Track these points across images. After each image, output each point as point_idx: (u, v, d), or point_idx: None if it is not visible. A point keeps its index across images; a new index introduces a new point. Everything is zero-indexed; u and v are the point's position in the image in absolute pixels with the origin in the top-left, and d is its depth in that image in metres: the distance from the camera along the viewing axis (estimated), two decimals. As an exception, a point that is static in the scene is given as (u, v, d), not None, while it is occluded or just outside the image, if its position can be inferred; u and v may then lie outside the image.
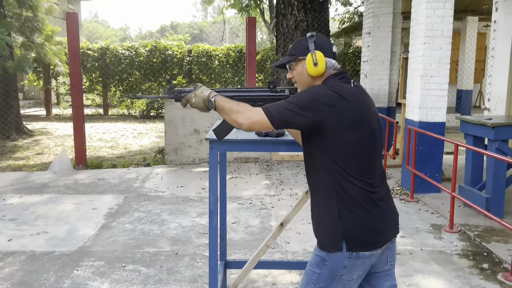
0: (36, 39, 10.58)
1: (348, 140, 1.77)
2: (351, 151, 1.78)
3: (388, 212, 1.88)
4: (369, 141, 1.83)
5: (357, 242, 1.79)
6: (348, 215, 1.79)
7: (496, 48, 6.78)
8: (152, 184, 6.11)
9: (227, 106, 1.85)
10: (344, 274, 1.81)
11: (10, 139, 10.03)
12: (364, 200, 1.79)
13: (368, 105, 1.86)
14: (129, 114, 15.48)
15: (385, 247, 1.87)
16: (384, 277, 1.95)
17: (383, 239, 1.85)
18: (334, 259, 1.81)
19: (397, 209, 1.96)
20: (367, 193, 1.80)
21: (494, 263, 3.73)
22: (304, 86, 1.95)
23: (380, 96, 7.94)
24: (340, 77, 1.89)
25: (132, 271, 3.55)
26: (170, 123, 7.25)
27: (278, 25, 8.41)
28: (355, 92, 1.83)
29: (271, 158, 7.58)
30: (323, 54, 1.89)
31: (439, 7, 5.30)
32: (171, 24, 56.83)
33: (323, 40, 1.94)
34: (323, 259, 1.83)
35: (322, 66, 1.88)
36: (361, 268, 1.83)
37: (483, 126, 4.72)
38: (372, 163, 1.85)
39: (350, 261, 1.79)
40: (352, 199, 1.79)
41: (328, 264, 1.82)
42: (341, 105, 1.76)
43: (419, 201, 5.39)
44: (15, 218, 4.77)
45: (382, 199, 1.85)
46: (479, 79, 14.59)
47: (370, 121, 1.84)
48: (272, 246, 3.94)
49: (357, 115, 1.78)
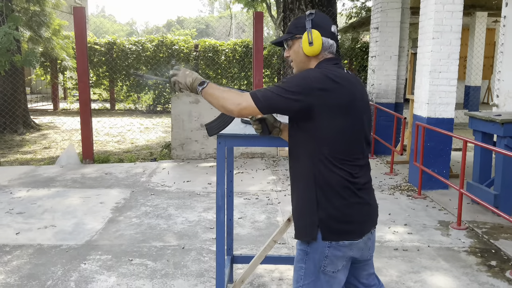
0: (43, 33, 10.59)
1: (337, 126, 1.75)
2: (338, 137, 1.76)
3: (368, 203, 1.86)
4: (357, 128, 1.81)
5: (333, 231, 1.78)
6: (326, 204, 1.78)
7: (505, 44, 6.71)
8: (159, 179, 6.12)
9: (215, 92, 1.81)
10: (327, 265, 1.80)
11: (18, 133, 10.08)
12: (343, 189, 1.78)
13: (361, 93, 1.84)
14: (136, 109, 15.50)
15: (366, 238, 1.85)
16: (363, 267, 1.96)
17: (361, 229, 1.83)
18: (315, 250, 1.80)
19: (376, 201, 1.95)
20: (347, 182, 1.78)
21: (503, 260, 3.71)
22: (299, 66, 1.92)
23: (388, 92, 7.90)
24: (334, 62, 1.86)
25: (139, 265, 3.56)
26: (177, 118, 7.25)
27: (285, 20, 8.35)
28: (348, 78, 1.81)
29: (277, 153, 7.56)
30: (320, 33, 1.84)
31: (448, 2, 5.25)
32: (178, 19, 56.84)
33: (321, 18, 1.89)
34: (306, 252, 1.83)
35: (318, 46, 1.84)
36: (343, 259, 1.82)
37: (492, 123, 4.68)
38: (357, 151, 1.82)
39: (331, 251, 1.78)
40: (331, 187, 1.77)
41: (311, 257, 1.82)
42: (333, 89, 1.73)
43: (426, 198, 5.36)
44: (22, 211, 4.80)
45: (362, 189, 1.83)
46: (487, 75, 14.46)
47: (361, 108, 1.82)
48: (279, 242, 3.93)
49: (348, 100, 1.76)
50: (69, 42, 11.86)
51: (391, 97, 7.92)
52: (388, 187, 5.83)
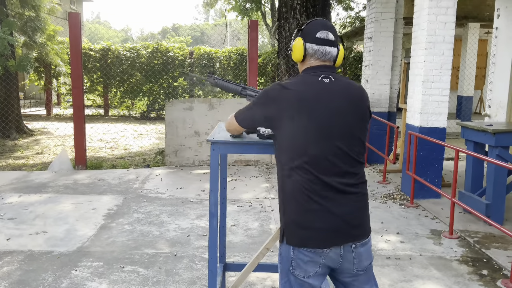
0: (38, 38, 10.58)
1: (292, 132, 1.79)
2: (295, 141, 1.79)
3: (333, 212, 1.78)
4: (319, 135, 1.78)
5: (292, 235, 1.82)
6: (287, 209, 1.84)
7: (497, 55, 6.79)
8: (152, 186, 6.11)
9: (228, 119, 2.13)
10: (295, 268, 1.82)
11: (10, 138, 10.02)
12: (301, 195, 1.79)
13: (331, 98, 1.80)
14: (130, 115, 15.48)
15: (338, 250, 1.80)
16: (352, 282, 1.89)
17: (323, 237, 1.78)
18: (283, 250, 1.87)
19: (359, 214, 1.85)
20: (304, 188, 1.78)
21: (494, 269, 3.73)
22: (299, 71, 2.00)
23: (381, 101, 7.95)
24: (313, 71, 1.88)
25: (130, 272, 3.54)
26: (171, 124, 7.25)
27: (280, 29, 8.40)
28: (312, 84, 1.82)
29: (271, 161, 7.57)
30: (303, 39, 1.90)
31: (441, 13, 5.31)
32: (173, 26, 56.96)
33: (310, 25, 1.93)
34: (280, 252, 1.91)
35: (299, 53, 1.91)
36: (311, 265, 1.80)
37: (484, 132, 4.72)
38: (323, 158, 1.78)
39: (295, 254, 1.81)
40: (289, 193, 1.82)
41: (283, 257, 1.88)
42: (284, 96, 1.81)
43: (419, 207, 5.39)
44: (14, 217, 4.76)
45: (326, 197, 1.78)
46: (479, 86, 14.60)
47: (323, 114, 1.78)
48: (272, 249, 3.93)
49: (302, 104, 1.77)
50: (63, 47, 11.85)
51: (384, 106, 7.97)
52: (380, 195, 5.85)
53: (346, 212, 1.81)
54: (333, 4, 18.31)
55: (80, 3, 30.74)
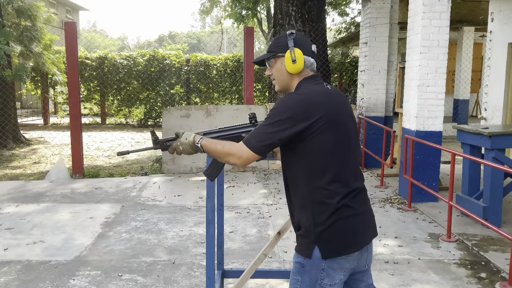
0: (34, 48, 10.60)
1: (325, 142, 1.79)
2: (325, 153, 1.80)
3: (363, 214, 1.88)
4: (345, 141, 1.85)
5: (331, 248, 1.80)
6: (322, 221, 1.79)
7: (492, 58, 6.83)
8: (149, 193, 6.10)
9: (217, 149, 1.89)
10: (324, 278, 1.81)
11: (7, 148, 10.00)
12: (338, 204, 1.79)
13: (343, 106, 1.89)
14: (127, 123, 15.48)
15: (363, 250, 1.87)
16: (360, 278, 1.96)
17: (360, 241, 1.85)
18: (311, 264, 1.81)
19: (372, 211, 1.96)
20: (341, 196, 1.80)
21: (492, 272, 3.73)
22: (282, 84, 1.98)
23: (377, 106, 7.98)
24: (314, 80, 1.92)
25: (128, 281, 3.53)
26: (168, 131, 7.25)
27: (276, 35, 8.45)
28: (328, 94, 1.86)
29: (268, 167, 7.58)
30: (302, 51, 1.91)
31: (435, 18, 5.35)
32: (169, 34, 57.10)
33: (302, 38, 1.97)
34: (302, 265, 1.84)
35: (301, 64, 1.91)
36: (340, 272, 1.83)
37: (480, 135, 4.74)
38: (348, 164, 1.85)
39: (327, 264, 1.80)
40: (326, 204, 1.79)
41: (307, 270, 1.83)
42: (313, 109, 1.79)
43: (416, 210, 5.39)
44: (11, 227, 4.74)
45: (357, 202, 1.85)
46: (475, 89, 14.66)
47: (344, 121, 1.86)
48: (270, 255, 3.93)
49: (330, 116, 1.80)
50: (60, 57, 11.87)
51: (381, 110, 8.00)
52: (378, 200, 5.85)
53: (367, 211, 1.92)
54: (328, 10, 18.40)
55: (76, 12, 30.83)
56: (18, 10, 10.07)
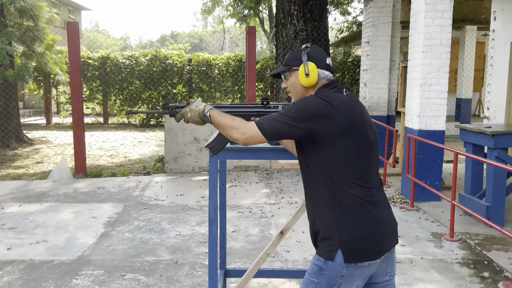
0: (36, 48, 10.62)
1: (342, 148, 1.79)
2: (345, 158, 1.80)
3: (386, 221, 1.87)
4: (364, 148, 1.84)
5: (354, 253, 1.78)
6: (345, 225, 1.78)
7: (494, 57, 6.81)
8: (152, 193, 6.10)
9: (223, 121, 1.90)
10: (342, 283, 1.80)
11: (10, 147, 10.03)
12: (361, 209, 1.79)
13: (361, 113, 1.88)
14: (129, 122, 15.50)
15: (384, 257, 1.85)
16: (384, 287, 1.93)
17: (382, 249, 1.83)
18: (331, 268, 1.80)
19: (395, 218, 1.94)
20: (363, 202, 1.80)
21: (495, 271, 3.72)
22: (297, 96, 1.99)
23: (380, 105, 7.96)
24: (331, 87, 1.92)
25: (131, 280, 3.53)
26: (170, 131, 7.26)
27: (278, 35, 8.44)
28: (347, 101, 1.86)
29: (271, 166, 7.58)
30: (315, 65, 1.92)
31: (437, 17, 5.33)
32: (171, 34, 57.14)
33: (316, 51, 1.97)
34: (321, 268, 1.82)
35: (314, 77, 1.92)
36: (359, 279, 1.82)
37: (482, 135, 4.73)
38: (368, 171, 1.85)
39: (348, 271, 1.78)
40: (349, 208, 1.79)
41: (325, 274, 1.81)
42: (332, 113, 1.79)
43: (419, 210, 5.38)
44: (14, 226, 4.76)
45: (378, 208, 1.84)
46: (478, 88, 14.63)
47: (364, 128, 1.86)
48: (272, 255, 3.93)
49: (349, 123, 1.80)
50: (62, 56, 11.89)
51: (383, 110, 7.98)
52: (381, 199, 5.84)
53: (390, 218, 1.90)
54: (330, 9, 18.38)
55: (78, 12, 30.88)
56: (21, 10, 10.09)
